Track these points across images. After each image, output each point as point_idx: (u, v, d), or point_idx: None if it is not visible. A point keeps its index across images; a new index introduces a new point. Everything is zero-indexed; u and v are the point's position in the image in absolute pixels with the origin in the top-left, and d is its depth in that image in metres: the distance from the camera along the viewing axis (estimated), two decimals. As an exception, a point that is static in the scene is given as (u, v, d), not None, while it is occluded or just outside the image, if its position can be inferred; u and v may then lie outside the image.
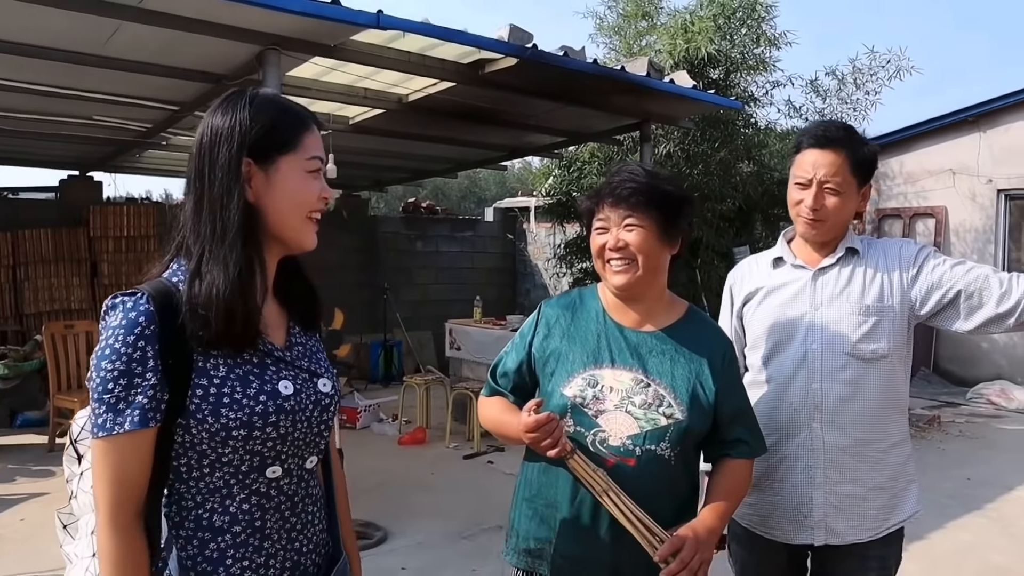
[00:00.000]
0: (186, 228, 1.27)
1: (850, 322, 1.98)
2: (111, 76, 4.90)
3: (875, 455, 2.01)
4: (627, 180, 1.73)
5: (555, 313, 1.88)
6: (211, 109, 1.31)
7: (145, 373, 1.16)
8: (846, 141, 1.99)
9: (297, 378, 1.32)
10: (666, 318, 1.82)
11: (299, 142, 1.30)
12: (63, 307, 8.13)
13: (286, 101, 1.34)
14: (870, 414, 1.99)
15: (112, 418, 1.16)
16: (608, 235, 1.75)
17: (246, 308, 1.22)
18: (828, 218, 1.99)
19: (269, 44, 4.16)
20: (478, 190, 26.39)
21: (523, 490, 1.86)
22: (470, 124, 6.57)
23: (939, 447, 6.93)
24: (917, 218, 10.41)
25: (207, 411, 1.20)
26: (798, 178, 2.03)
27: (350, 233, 9.95)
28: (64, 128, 6.69)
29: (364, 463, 5.80)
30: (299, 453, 1.32)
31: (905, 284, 1.99)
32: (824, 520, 1.99)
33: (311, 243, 1.34)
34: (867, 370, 1.98)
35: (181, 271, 1.26)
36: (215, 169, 1.24)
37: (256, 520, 1.27)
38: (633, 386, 1.73)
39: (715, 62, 7.59)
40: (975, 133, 9.89)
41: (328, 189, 1.35)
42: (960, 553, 4.39)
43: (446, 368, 8.41)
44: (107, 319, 1.19)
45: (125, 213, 8.59)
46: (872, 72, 8.49)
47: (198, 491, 1.24)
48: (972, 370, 9.76)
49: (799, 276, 2.07)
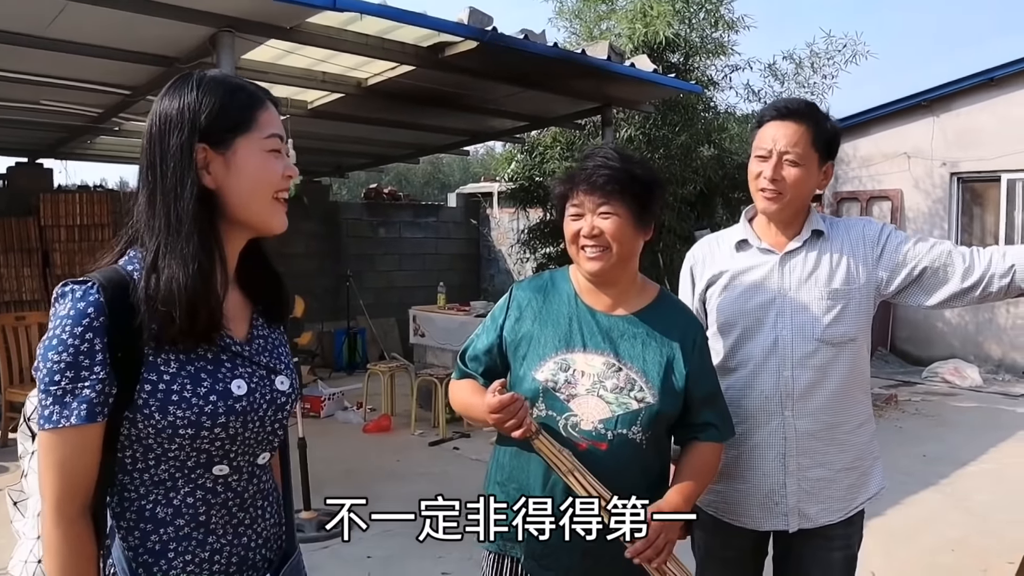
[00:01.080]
0: (140, 221, 1.22)
1: (819, 307, 1.96)
2: (57, 59, 4.76)
3: (843, 437, 2.01)
4: (601, 166, 1.73)
5: (527, 296, 1.87)
6: (159, 95, 1.25)
7: (93, 366, 1.12)
8: (808, 114, 1.97)
9: (253, 376, 1.27)
10: (638, 302, 1.82)
11: (254, 121, 1.24)
12: (13, 298, 7.92)
13: (236, 80, 1.29)
14: (838, 397, 1.98)
15: (58, 410, 1.12)
16: (583, 221, 1.74)
17: (208, 302, 1.18)
18: (787, 191, 1.95)
19: (223, 26, 4.07)
20: (441, 176, 26.27)
21: (495, 474, 1.86)
22: (431, 108, 6.52)
23: (896, 425, 7.08)
24: (873, 201, 10.58)
25: (154, 407, 1.16)
26: (759, 150, 1.99)
27: (311, 220, 9.82)
28: (9, 113, 6.50)
29: (329, 452, 5.75)
30: (250, 451, 1.28)
31: (870, 264, 1.98)
32: (797, 506, 1.99)
33: (280, 225, 1.29)
34: (836, 354, 1.96)
35: (137, 260, 1.21)
36: (166, 158, 1.19)
37: (200, 515, 1.23)
38: (605, 370, 1.73)
39: (674, 46, 7.61)
40: (929, 117, 10.07)
41: (292, 167, 1.30)
42: (916, 528, 4.48)
43: (410, 355, 8.38)
44: (56, 307, 1.15)
45: (78, 201, 8.37)
46: (829, 56, 8.58)
47: (142, 483, 1.21)
48: (927, 350, 9.98)
49: (766, 260, 2.03)
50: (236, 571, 1.28)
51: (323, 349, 9.84)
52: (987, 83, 9.54)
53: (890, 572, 3.87)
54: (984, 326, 9.75)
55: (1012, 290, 1.87)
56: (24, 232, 8.08)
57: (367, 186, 13.59)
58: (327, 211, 10.59)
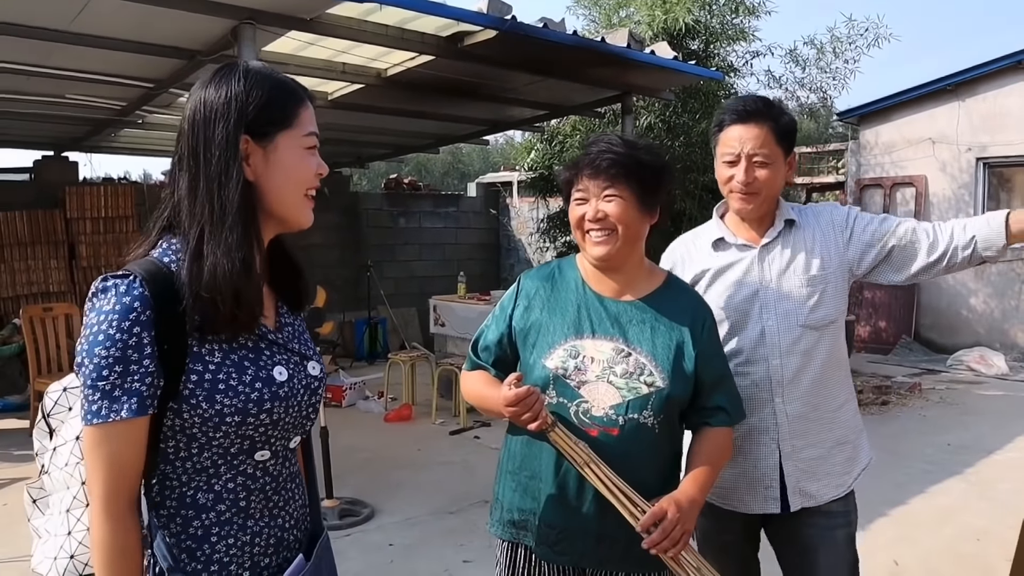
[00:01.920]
0: (180, 207, 1.22)
1: (800, 295, 2.02)
2: (82, 53, 4.81)
3: (829, 415, 2.09)
4: (605, 151, 1.73)
5: (534, 285, 1.88)
6: (201, 83, 1.26)
7: (142, 360, 1.13)
8: (767, 113, 2.01)
9: (290, 362, 1.30)
10: (645, 287, 1.83)
11: (296, 117, 1.26)
12: (41, 290, 8.04)
13: (280, 75, 1.30)
14: (823, 378, 2.05)
15: (108, 405, 1.12)
16: (587, 206, 1.75)
17: (251, 292, 1.20)
18: (761, 191, 2.00)
19: (244, 18, 4.09)
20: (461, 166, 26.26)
21: (507, 463, 1.87)
22: (450, 98, 6.51)
23: (920, 414, 7.02)
24: (897, 187, 10.46)
25: (201, 397, 1.18)
26: (725, 155, 2.04)
27: (332, 210, 9.86)
28: (36, 107, 6.56)
29: (350, 441, 5.80)
30: (286, 436, 1.31)
31: (841, 247, 2.06)
32: (798, 486, 2.05)
33: (308, 220, 1.31)
34: (819, 338, 2.03)
35: (173, 250, 1.22)
36: (211, 147, 1.20)
37: (240, 499, 1.26)
38: (614, 356, 1.73)
39: (694, 33, 7.55)
40: (954, 102, 9.94)
41: (323, 165, 1.32)
42: (940, 517, 4.45)
43: (431, 344, 8.41)
44: (97, 302, 1.15)
45: (103, 194, 8.46)
46: (851, 40, 8.49)
47: (184, 471, 1.22)
48: (952, 338, 9.88)
49: (744, 256, 2.08)
50: (273, 552, 1.31)
51: (344, 339, 9.90)
52: (1014, 66, 9.39)
53: (914, 561, 3.86)
54: (1010, 313, 9.64)
55: (975, 259, 1.97)
56: (51, 224, 8.19)
57: (387, 176, 13.61)
58: (348, 202, 10.63)
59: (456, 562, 3.88)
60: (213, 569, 1.24)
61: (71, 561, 1.26)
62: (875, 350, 10.18)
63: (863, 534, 4.15)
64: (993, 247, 1.93)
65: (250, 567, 1.27)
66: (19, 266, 8.00)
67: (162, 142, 8.80)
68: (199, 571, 1.23)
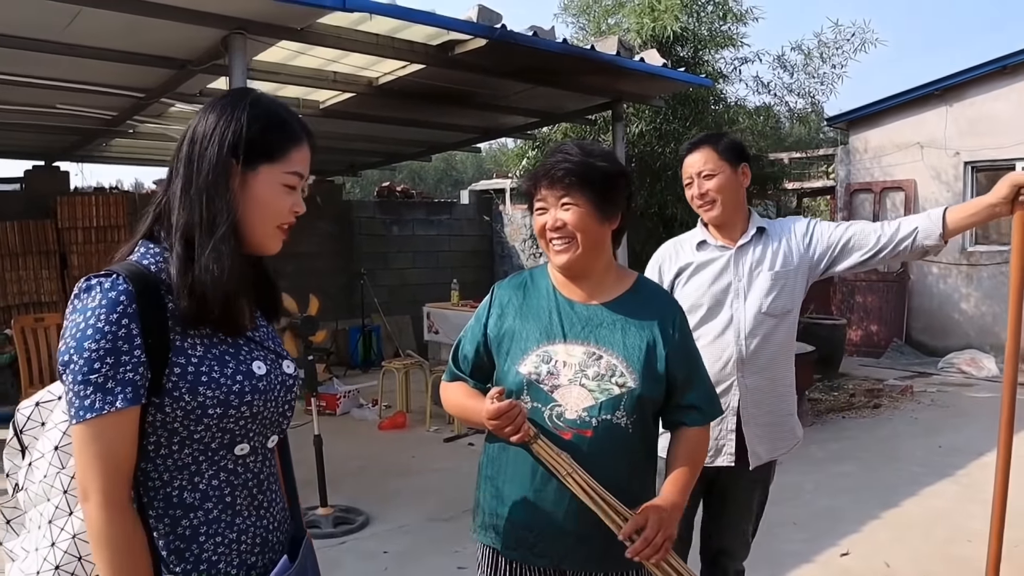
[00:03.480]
0: (172, 209, 1.27)
1: (764, 287, 2.44)
2: (73, 63, 4.82)
3: (782, 390, 2.53)
4: (561, 161, 1.77)
5: (507, 294, 1.91)
6: (213, 100, 1.33)
7: (132, 350, 1.16)
8: (708, 139, 2.50)
9: (267, 359, 1.35)
10: (615, 290, 1.85)
11: (284, 154, 1.31)
12: (32, 300, 8.03)
13: (285, 112, 1.35)
14: (778, 358, 2.49)
15: (101, 397, 1.15)
16: (547, 215, 1.79)
17: (238, 296, 1.25)
18: (716, 198, 2.44)
19: (234, 28, 4.11)
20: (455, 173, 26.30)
21: (486, 468, 1.90)
22: (442, 106, 6.54)
23: (912, 416, 7.06)
24: (887, 192, 10.53)
25: (184, 389, 1.21)
26: (685, 180, 2.52)
27: (324, 219, 9.87)
28: (27, 117, 6.57)
29: (345, 449, 5.80)
30: (264, 432, 1.33)
31: (802, 250, 2.47)
32: (752, 447, 2.46)
33: (274, 250, 1.36)
34: (776, 324, 2.46)
35: (151, 254, 1.27)
36: (203, 161, 1.26)
37: (226, 496, 1.28)
38: (585, 359, 1.76)
39: (683, 40, 7.59)
40: (942, 107, 10.01)
41: (300, 204, 1.36)
42: (932, 519, 4.48)
43: (425, 352, 8.41)
44: (80, 301, 1.18)
45: (94, 203, 8.46)
46: (838, 46, 8.52)
47: (165, 469, 1.24)
48: (943, 340, 9.92)
49: (722, 254, 2.50)
50: (260, 551, 1.33)
51: (338, 347, 9.89)
52: (1001, 71, 9.47)
53: (906, 563, 3.88)
54: (1001, 316, 9.68)
55: (916, 248, 2.35)
56: (42, 234, 8.18)
57: (380, 184, 13.63)
58: (340, 210, 10.63)
59: (451, 569, 3.89)
60: (202, 568, 1.25)
61: (56, 571, 1.26)
62: (867, 353, 10.23)
63: (856, 537, 4.18)
64: (931, 237, 2.30)
65: (238, 564, 1.29)
66: (10, 276, 7.99)
67: (153, 151, 8.79)
68: (188, 571, 1.25)
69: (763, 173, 8.33)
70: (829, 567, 3.87)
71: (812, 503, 4.78)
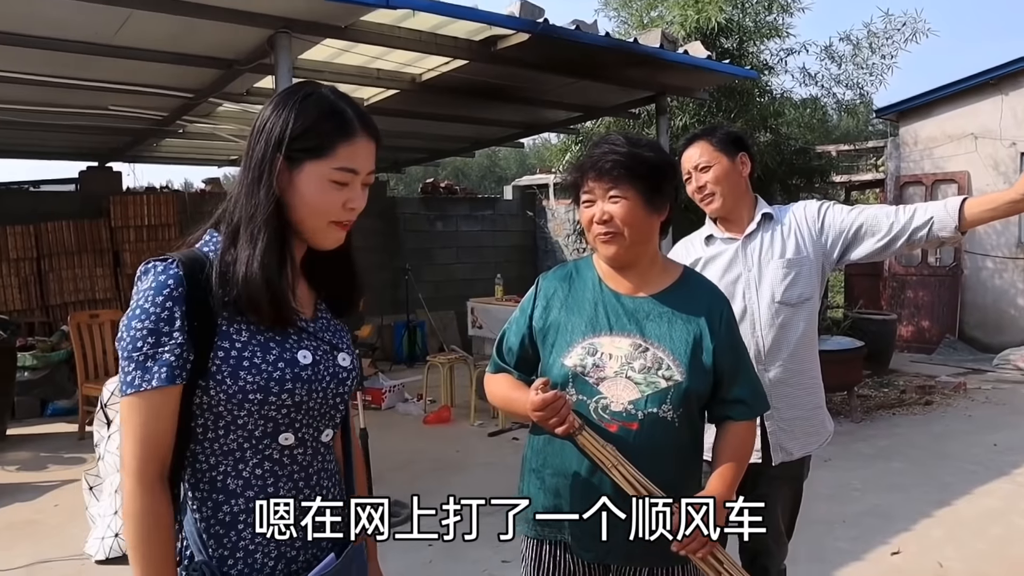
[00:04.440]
0: (233, 201, 1.32)
1: (777, 276, 2.37)
2: (124, 65, 4.94)
3: (809, 382, 2.44)
4: (608, 152, 1.75)
5: (552, 286, 1.90)
6: (275, 95, 1.35)
7: (172, 332, 1.20)
8: (704, 133, 2.46)
9: (317, 349, 1.35)
10: (661, 282, 1.84)
11: (332, 150, 1.29)
12: (87, 297, 8.24)
13: (340, 105, 1.33)
14: (800, 349, 2.40)
15: (141, 375, 1.19)
16: (595, 208, 1.77)
17: (269, 288, 1.25)
18: (714, 190, 2.40)
19: (279, 27, 4.16)
20: (498, 169, 26.36)
21: (530, 461, 1.89)
22: (485, 102, 6.55)
23: (966, 414, 6.89)
24: (938, 184, 10.28)
25: (227, 373, 1.23)
26: (684, 176, 2.45)
27: (369, 215, 9.83)
28: (81, 119, 6.75)
29: (390, 443, 5.85)
30: (314, 424, 1.34)
31: (814, 235, 2.40)
32: (779, 443, 2.38)
33: (330, 245, 1.36)
34: (794, 313, 2.38)
35: (213, 241, 1.31)
36: (254, 156, 1.29)
37: (269, 487, 1.29)
38: (632, 352, 1.75)
39: (727, 31, 7.49)
40: (997, 96, 9.74)
41: (357, 199, 1.34)
42: (986, 518, 4.37)
43: (469, 347, 8.45)
44: (139, 283, 1.24)
45: (146, 202, 8.66)
46: (888, 36, 8.33)
47: (212, 452, 1.27)
48: (998, 336, 9.67)
49: (730, 246, 2.46)
50: (302, 547, 1.33)
51: (383, 342, 9.98)
52: (1059, 58, 9.19)
53: (960, 563, 3.79)
54: (1059, 310, 9.41)
55: (932, 239, 2.27)
56: (96, 233, 8.40)
57: (424, 181, 13.71)
58: (385, 206, 10.72)
59: (495, 561, 3.90)
60: (239, 556, 1.27)
61: (116, 540, 1.30)
62: (918, 349, 10.01)
63: (907, 536, 4.10)
64: (947, 229, 2.22)
65: (276, 557, 1.30)
66: (66, 274, 8.22)
67: (202, 151, 8.96)
68: (225, 558, 1.26)
69: (809, 166, 8.19)
70: (880, 565, 3.80)
71: (860, 500, 4.69)
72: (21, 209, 8.28)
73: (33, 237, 8.11)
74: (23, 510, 4.68)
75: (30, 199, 8.64)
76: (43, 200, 8.69)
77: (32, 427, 6.91)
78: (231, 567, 1.27)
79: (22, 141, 8.21)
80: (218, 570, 1.26)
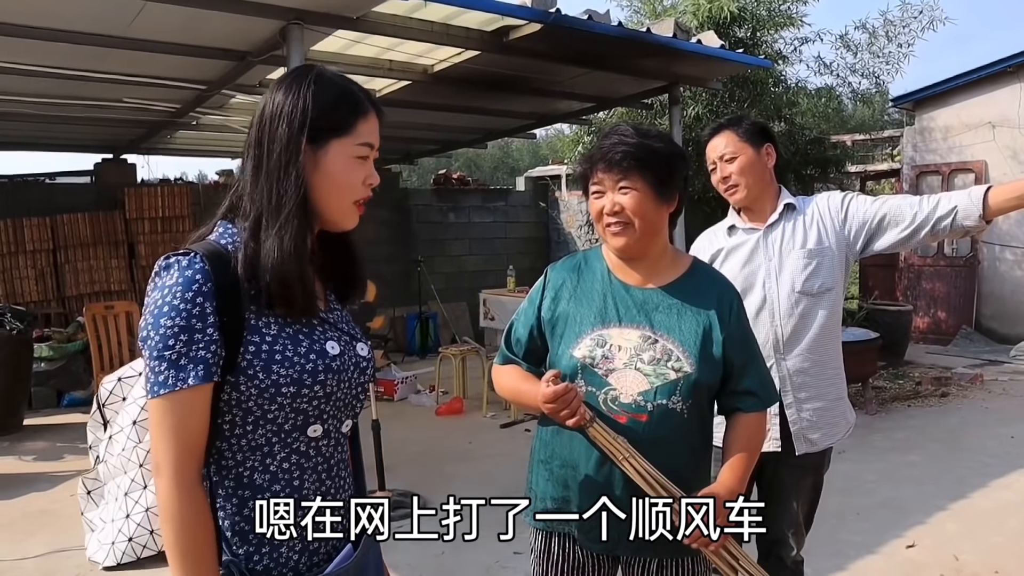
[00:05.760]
0: (244, 191, 1.29)
1: (797, 266, 2.37)
2: (137, 57, 4.95)
3: (830, 373, 2.44)
4: (618, 143, 1.74)
5: (561, 276, 1.90)
6: (278, 80, 1.33)
7: (206, 328, 1.17)
8: (730, 123, 2.47)
9: (341, 340, 1.34)
10: (670, 273, 1.83)
11: (353, 127, 1.30)
12: (103, 289, 8.30)
13: (349, 84, 1.34)
14: (821, 339, 2.39)
15: (175, 374, 1.16)
16: (604, 199, 1.76)
17: (301, 278, 1.24)
18: (739, 180, 2.41)
19: (291, 19, 4.17)
20: (511, 160, 26.33)
21: (539, 452, 1.89)
22: (497, 93, 6.54)
23: (982, 406, 6.83)
24: (956, 174, 10.17)
25: (259, 367, 1.22)
26: (709, 166, 2.48)
27: (382, 207, 9.95)
28: (95, 111, 6.78)
29: (402, 434, 5.86)
30: (338, 415, 1.34)
31: (837, 226, 2.40)
32: (802, 433, 2.38)
33: (350, 225, 1.36)
34: (815, 303, 2.38)
35: (229, 234, 1.28)
36: (273, 143, 1.26)
37: (295, 480, 1.28)
38: (641, 343, 1.74)
39: (741, 20, 7.44)
40: (1015, 84, 9.61)
41: (374, 175, 1.35)
42: (1003, 511, 4.33)
43: (481, 338, 8.46)
44: (159, 279, 1.20)
45: (160, 194, 8.70)
46: (904, 24, 8.25)
47: (239, 448, 1.25)
48: (1015, 327, 9.58)
49: (752, 236, 2.46)
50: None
51: (395, 333, 10.00)
52: (1079, 46, 9.05)
53: (976, 557, 3.76)
54: (1078, 302, 9.31)
55: (956, 228, 2.26)
56: (111, 225, 8.45)
57: (436, 172, 13.71)
58: (397, 198, 10.72)
59: (506, 553, 3.90)
60: (264, 551, 1.26)
61: (129, 544, 1.29)
62: (934, 341, 9.93)
63: (922, 529, 4.08)
64: (971, 218, 2.21)
65: (300, 550, 1.29)
66: (82, 266, 8.28)
67: (216, 143, 8.99)
68: (251, 554, 1.26)
69: (824, 156, 8.14)
70: (894, 558, 3.78)
71: (874, 493, 4.67)
72: (37, 201, 8.34)
73: (49, 229, 8.17)
74: (39, 500, 4.72)
75: (46, 191, 8.69)
76: (59, 192, 8.74)
77: (48, 417, 6.98)
78: (256, 563, 1.26)
79: (39, 134, 8.25)
80: (245, 567, 1.25)
